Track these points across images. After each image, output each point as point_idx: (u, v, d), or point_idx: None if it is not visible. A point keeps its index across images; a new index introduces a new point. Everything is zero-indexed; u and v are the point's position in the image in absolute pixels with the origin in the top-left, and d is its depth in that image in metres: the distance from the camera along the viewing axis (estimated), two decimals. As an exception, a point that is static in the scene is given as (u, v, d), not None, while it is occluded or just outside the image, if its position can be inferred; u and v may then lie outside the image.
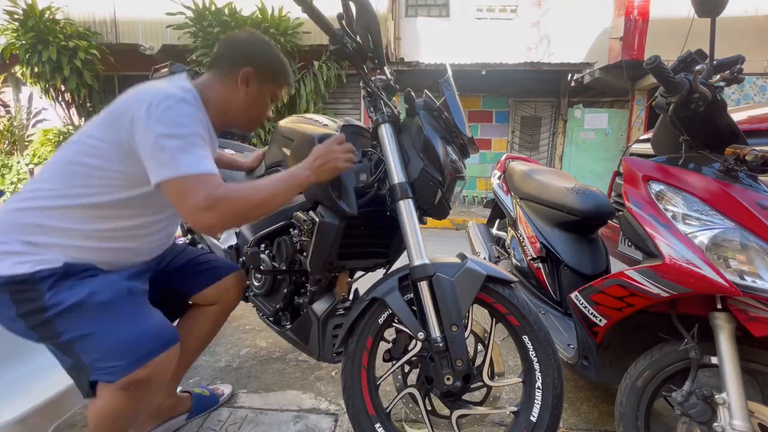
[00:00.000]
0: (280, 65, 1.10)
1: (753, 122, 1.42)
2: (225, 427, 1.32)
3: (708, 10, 0.96)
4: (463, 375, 1.04)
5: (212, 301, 1.27)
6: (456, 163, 1.13)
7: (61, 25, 6.30)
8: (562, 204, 1.61)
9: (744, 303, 0.85)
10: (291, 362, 1.76)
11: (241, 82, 1.05)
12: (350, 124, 1.27)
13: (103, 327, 0.88)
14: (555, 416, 1.04)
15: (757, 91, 6.71)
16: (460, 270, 1.04)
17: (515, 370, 1.65)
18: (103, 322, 0.88)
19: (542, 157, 7.85)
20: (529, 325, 1.06)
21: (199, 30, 6.18)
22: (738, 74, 0.95)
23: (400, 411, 1.36)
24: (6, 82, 7.22)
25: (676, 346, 1.00)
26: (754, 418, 0.88)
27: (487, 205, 2.54)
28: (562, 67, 7.02)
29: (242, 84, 1.05)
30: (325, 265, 1.21)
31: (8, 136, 6.82)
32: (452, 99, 1.11)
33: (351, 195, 1.12)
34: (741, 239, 0.84)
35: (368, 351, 1.14)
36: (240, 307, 2.35)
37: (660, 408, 1.41)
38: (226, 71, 1.05)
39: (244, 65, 1.04)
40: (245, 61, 1.04)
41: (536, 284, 1.78)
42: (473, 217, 6.08)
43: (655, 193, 0.99)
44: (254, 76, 1.06)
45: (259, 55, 1.07)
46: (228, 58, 1.06)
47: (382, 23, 6.44)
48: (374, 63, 1.15)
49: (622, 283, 1.01)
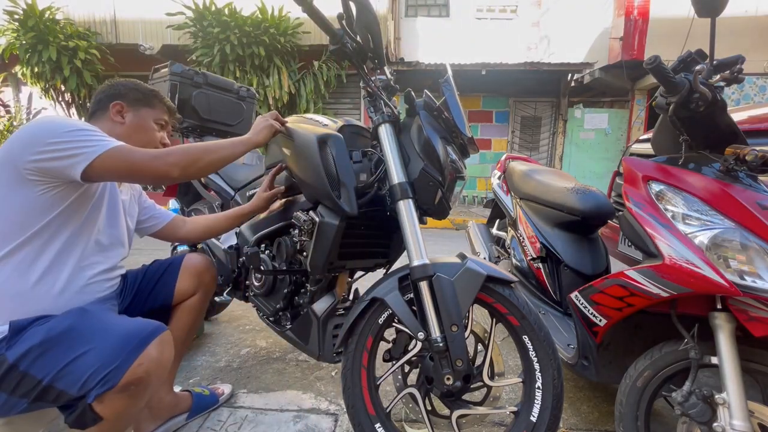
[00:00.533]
0: (146, 90, 1.17)
1: (753, 122, 1.42)
2: (225, 427, 1.32)
3: (708, 10, 0.96)
4: (463, 375, 1.04)
5: (190, 292, 1.30)
6: (456, 163, 1.13)
7: (61, 25, 6.32)
8: (562, 204, 1.61)
9: (744, 303, 0.85)
10: (291, 362, 1.76)
11: (115, 115, 1.11)
12: (350, 124, 1.27)
13: (79, 348, 0.86)
14: (555, 416, 1.04)
15: (757, 91, 6.72)
16: (460, 270, 1.04)
17: (515, 370, 1.65)
18: (76, 344, 0.86)
19: (542, 157, 7.86)
20: (529, 325, 1.06)
21: (199, 30, 6.19)
22: (738, 74, 0.95)
23: (400, 411, 1.36)
24: (6, 82, 7.23)
25: (676, 346, 1.00)
26: (754, 418, 0.88)
27: (487, 205, 2.54)
28: (562, 67, 7.03)
29: (116, 116, 1.11)
30: (325, 265, 1.21)
31: (8, 136, 6.82)
32: (452, 99, 1.11)
33: (351, 195, 1.12)
34: (741, 239, 0.84)
35: (368, 351, 1.14)
36: (240, 307, 2.36)
37: (660, 408, 1.41)
38: (102, 112, 1.12)
39: (113, 100, 1.12)
40: (113, 97, 1.12)
41: (536, 284, 1.78)
42: (473, 217, 6.09)
43: (655, 193, 0.99)
44: (125, 106, 1.12)
45: (124, 88, 1.14)
46: (100, 102, 1.13)
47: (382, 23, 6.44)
48: (374, 63, 1.15)
49: (622, 283, 1.01)
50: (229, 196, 1.73)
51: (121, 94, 1.12)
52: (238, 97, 2.07)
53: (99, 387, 0.84)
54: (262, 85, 6.34)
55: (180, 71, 1.83)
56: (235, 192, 1.72)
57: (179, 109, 1.86)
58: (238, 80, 6.06)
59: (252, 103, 2.16)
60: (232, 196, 1.72)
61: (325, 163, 1.12)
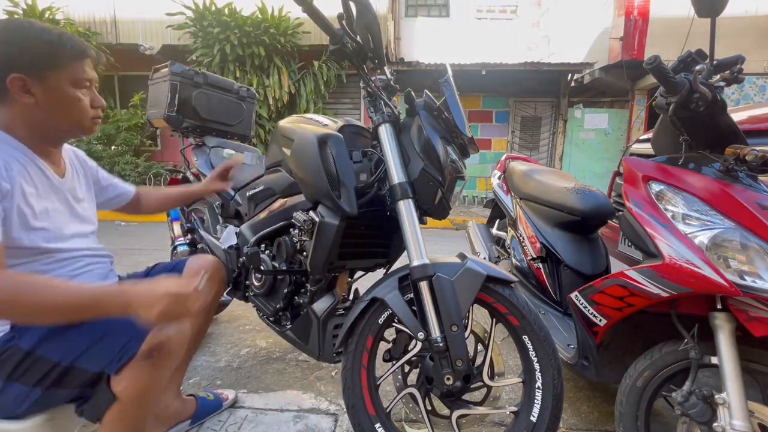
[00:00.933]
0: (42, 44, 0.83)
1: (753, 122, 1.42)
2: (225, 427, 1.32)
3: (708, 10, 0.96)
4: (463, 375, 1.04)
5: None
6: (456, 163, 1.13)
7: (61, 25, 6.31)
8: (562, 204, 1.62)
9: (744, 303, 0.85)
10: (291, 362, 1.76)
11: (19, 94, 0.83)
12: (350, 124, 1.27)
13: (95, 323, 0.80)
14: (555, 416, 1.04)
15: (756, 91, 6.72)
16: (460, 270, 1.04)
17: (515, 370, 1.65)
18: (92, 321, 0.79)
19: (542, 157, 7.86)
20: (529, 325, 1.06)
21: (199, 30, 6.20)
22: (738, 74, 0.95)
23: (400, 411, 1.36)
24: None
25: (676, 346, 1.00)
26: (754, 418, 0.88)
27: (487, 205, 2.54)
28: (562, 67, 7.03)
29: (22, 95, 0.83)
30: (325, 265, 1.21)
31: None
32: (452, 99, 1.11)
33: (351, 195, 1.12)
34: (741, 239, 0.84)
35: (368, 351, 1.14)
36: (240, 307, 2.36)
37: (660, 408, 1.41)
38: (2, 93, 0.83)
39: (4, 75, 0.81)
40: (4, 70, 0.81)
41: (536, 284, 1.78)
42: (473, 217, 6.09)
43: (655, 193, 0.99)
44: (24, 78, 0.82)
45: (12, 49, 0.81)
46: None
47: (382, 23, 6.44)
48: (374, 63, 1.15)
49: (622, 283, 1.01)
50: (229, 196, 1.73)
51: (11, 62, 0.80)
52: (238, 97, 2.07)
53: (120, 357, 0.80)
54: (262, 85, 6.34)
55: (180, 71, 1.83)
56: (235, 192, 1.72)
57: (179, 109, 1.86)
58: (238, 80, 6.06)
59: (252, 103, 2.16)
60: (232, 196, 1.72)
61: (325, 163, 1.12)
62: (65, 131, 0.94)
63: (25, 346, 0.82)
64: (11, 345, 0.83)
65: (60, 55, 0.85)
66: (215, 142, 1.99)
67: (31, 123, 0.87)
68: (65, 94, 0.87)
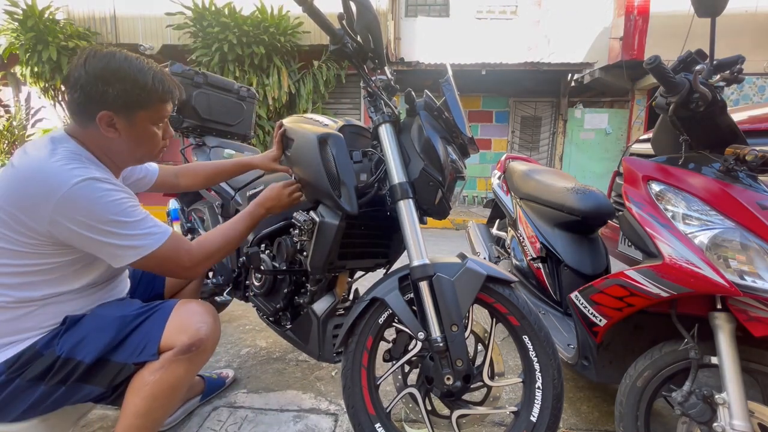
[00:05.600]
0: (136, 87, 0.87)
1: (753, 122, 1.42)
2: (225, 427, 1.32)
3: (708, 10, 0.96)
4: (463, 375, 1.04)
5: (181, 284, 1.34)
6: (456, 163, 1.13)
7: (61, 24, 6.31)
8: (562, 204, 1.62)
9: (744, 303, 0.85)
10: (291, 362, 1.76)
11: (105, 129, 0.88)
12: (350, 124, 1.27)
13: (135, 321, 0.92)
14: (555, 416, 1.04)
15: (756, 91, 6.71)
16: (460, 270, 1.04)
17: (515, 370, 1.65)
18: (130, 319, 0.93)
19: (542, 157, 7.85)
20: (529, 325, 1.06)
21: (199, 30, 6.19)
22: (738, 74, 0.95)
23: (400, 411, 1.36)
24: (5, 81, 7.23)
25: (676, 346, 1.00)
26: (754, 418, 0.88)
27: (487, 205, 2.54)
28: (562, 67, 7.03)
29: (108, 130, 0.88)
30: (325, 265, 1.21)
31: (8, 136, 6.81)
32: (452, 99, 1.11)
33: (352, 194, 1.12)
34: (741, 239, 0.84)
35: (368, 351, 1.14)
36: (240, 307, 2.36)
37: (660, 408, 1.41)
38: (86, 121, 0.88)
39: (96, 110, 0.86)
40: (97, 104, 0.85)
41: (536, 284, 1.78)
42: (473, 217, 6.09)
43: (655, 193, 0.99)
44: (114, 116, 0.87)
45: (109, 89, 0.85)
46: (82, 106, 0.87)
47: (382, 23, 6.43)
48: (374, 63, 1.15)
49: (622, 283, 1.01)
50: (229, 195, 1.72)
51: (105, 101, 0.85)
52: (238, 97, 2.07)
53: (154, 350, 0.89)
54: (262, 85, 6.34)
55: (180, 71, 1.83)
56: (236, 192, 1.72)
57: (179, 109, 1.86)
58: (238, 80, 6.06)
59: (252, 103, 2.16)
60: (233, 195, 1.71)
61: (326, 163, 1.12)
62: (136, 159, 1.02)
63: (55, 349, 0.87)
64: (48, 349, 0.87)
65: (150, 99, 0.90)
66: (215, 142, 1.99)
67: (109, 151, 0.93)
68: (146, 131, 0.93)
